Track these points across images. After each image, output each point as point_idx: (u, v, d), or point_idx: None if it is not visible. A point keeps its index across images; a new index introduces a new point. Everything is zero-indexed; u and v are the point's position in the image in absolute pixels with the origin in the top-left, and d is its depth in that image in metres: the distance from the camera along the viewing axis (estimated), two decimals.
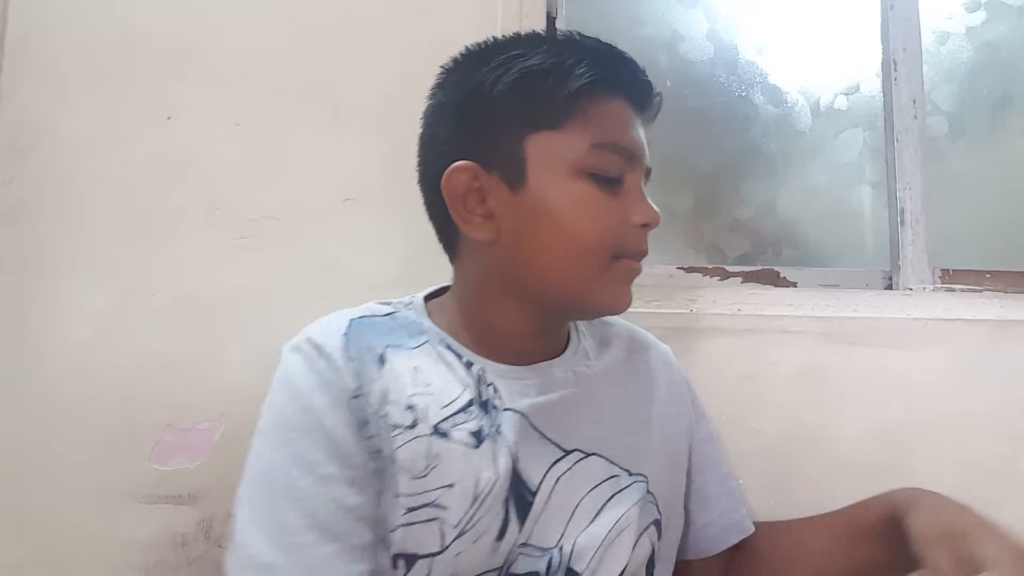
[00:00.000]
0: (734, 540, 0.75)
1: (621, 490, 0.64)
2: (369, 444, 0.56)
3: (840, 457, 0.95)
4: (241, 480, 0.57)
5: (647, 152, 0.64)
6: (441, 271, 0.70)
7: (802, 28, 1.24)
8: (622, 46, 0.64)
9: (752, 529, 0.76)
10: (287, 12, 0.98)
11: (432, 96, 0.67)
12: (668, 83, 1.19)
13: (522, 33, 0.66)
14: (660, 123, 0.68)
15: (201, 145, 0.94)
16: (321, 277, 0.93)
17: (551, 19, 1.06)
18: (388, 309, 0.66)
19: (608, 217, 0.60)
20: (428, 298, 0.70)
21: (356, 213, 0.95)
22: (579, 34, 0.64)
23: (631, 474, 0.65)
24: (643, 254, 0.63)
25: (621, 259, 0.62)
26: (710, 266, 1.10)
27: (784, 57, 1.23)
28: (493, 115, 0.61)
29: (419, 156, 0.67)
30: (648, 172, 0.65)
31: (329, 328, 0.61)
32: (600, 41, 0.64)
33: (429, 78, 0.67)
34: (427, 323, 0.66)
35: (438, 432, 0.58)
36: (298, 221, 0.94)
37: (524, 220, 0.60)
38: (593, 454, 0.64)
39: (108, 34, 0.95)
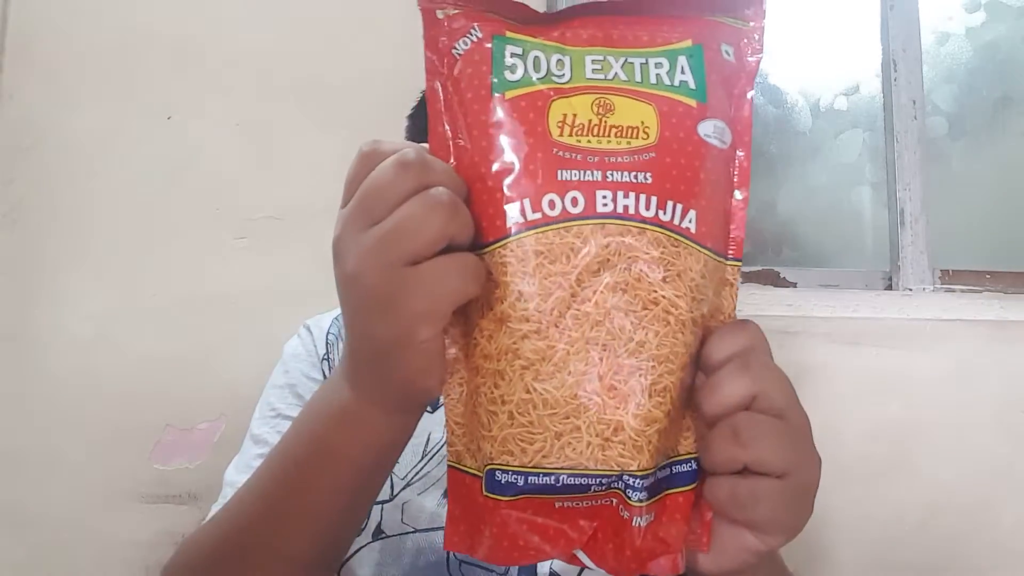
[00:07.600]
0: None
1: None
2: None
3: (840, 457, 0.95)
4: None
5: None
6: None
7: (802, 28, 1.24)
8: None
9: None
10: (287, 12, 0.98)
11: None
12: None
13: None
14: None
15: (201, 145, 0.94)
16: (321, 277, 0.93)
17: None
18: None
19: None
20: None
21: None
22: None
23: None
24: None
25: None
26: None
27: (784, 57, 1.23)
28: None
29: None
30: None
31: (327, 314, 0.71)
32: None
33: None
34: None
35: None
36: (298, 221, 0.94)
37: None
38: None
39: (109, 34, 0.95)
